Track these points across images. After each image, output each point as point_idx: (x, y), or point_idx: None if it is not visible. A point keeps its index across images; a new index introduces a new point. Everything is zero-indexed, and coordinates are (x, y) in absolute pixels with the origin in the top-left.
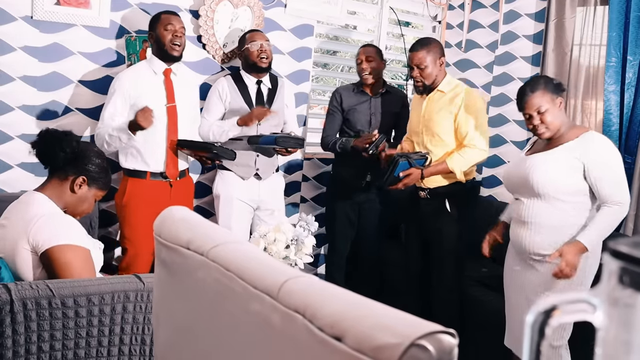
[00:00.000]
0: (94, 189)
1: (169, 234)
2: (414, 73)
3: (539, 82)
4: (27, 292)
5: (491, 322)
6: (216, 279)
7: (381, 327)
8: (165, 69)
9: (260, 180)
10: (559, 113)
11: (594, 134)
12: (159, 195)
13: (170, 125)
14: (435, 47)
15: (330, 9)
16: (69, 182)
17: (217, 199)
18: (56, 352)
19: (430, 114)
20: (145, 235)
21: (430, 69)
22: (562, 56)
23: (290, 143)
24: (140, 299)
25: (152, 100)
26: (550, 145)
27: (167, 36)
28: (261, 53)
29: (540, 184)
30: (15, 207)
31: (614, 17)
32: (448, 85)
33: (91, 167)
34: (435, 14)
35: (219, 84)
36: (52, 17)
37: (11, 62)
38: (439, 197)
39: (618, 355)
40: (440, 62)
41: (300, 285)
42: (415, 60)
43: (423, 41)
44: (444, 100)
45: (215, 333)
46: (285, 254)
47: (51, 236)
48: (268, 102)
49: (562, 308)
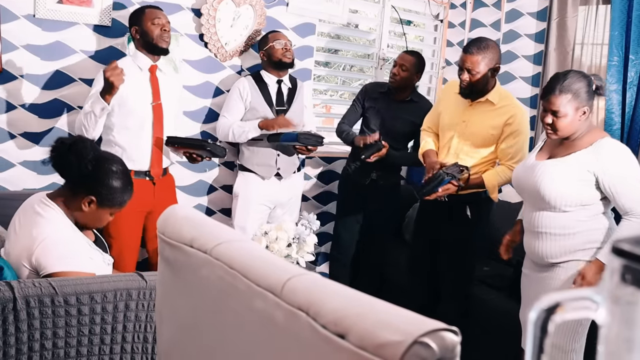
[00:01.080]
0: (106, 209)
1: (172, 232)
2: (462, 76)
3: (573, 86)
4: (30, 290)
5: (493, 321)
6: (220, 277)
7: (384, 325)
8: (151, 65)
9: (281, 180)
10: (577, 122)
11: (607, 141)
12: (142, 193)
13: (155, 124)
14: (492, 53)
15: (332, 8)
16: (79, 199)
17: (236, 199)
18: (59, 349)
19: (474, 123)
20: (130, 232)
21: (481, 76)
22: (564, 55)
23: (311, 140)
24: (142, 297)
25: (137, 98)
26: (562, 151)
27: (155, 30)
28: (286, 51)
29: (548, 194)
30: (28, 213)
31: (616, 16)
32: (498, 95)
33: (104, 188)
34: (437, 13)
35: (239, 83)
36: (55, 16)
37: (14, 61)
38: (458, 202)
39: (620, 352)
40: (495, 68)
41: (304, 283)
42: (467, 63)
43: (480, 44)
44: (492, 114)
45: (219, 331)
46: (287, 253)
47: (54, 261)
48: (288, 102)
49: (565, 305)
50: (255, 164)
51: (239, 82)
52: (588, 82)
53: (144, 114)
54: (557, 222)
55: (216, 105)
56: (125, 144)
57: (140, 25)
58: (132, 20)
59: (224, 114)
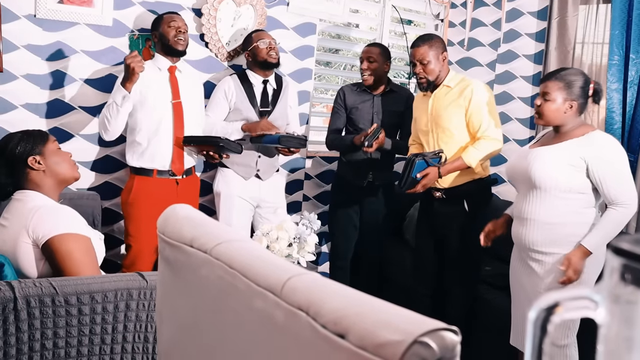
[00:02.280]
0: (47, 147)
1: (172, 232)
2: (416, 69)
3: (568, 77)
4: (31, 289)
5: (495, 321)
6: (220, 277)
7: (384, 325)
8: (170, 66)
9: (261, 180)
10: (562, 113)
11: (599, 133)
12: (165, 193)
13: (176, 122)
14: (437, 42)
15: (332, 7)
16: (29, 173)
17: (218, 197)
18: (59, 349)
19: (439, 110)
20: (150, 233)
21: (433, 65)
22: (564, 54)
23: (293, 143)
24: (143, 297)
25: (157, 96)
26: (555, 140)
27: (171, 32)
28: (270, 50)
29: (539, 177)
30: (11, 205)
31: (617, 15)
32: (453, 79)
33: (19, 149)
34: (437, 12)
35: (224, 82)
36: (56, 16)
37: (15, 61)
38: (454, 197)
39: (620, 351)
40: (443, 57)
41: (304, 283)
42: (417, 55)
43: (424, 37)
44: (452, 95)
45: (219, 330)
46: (287, 252)
47: (51, 227)
48: (272, 103)
49: (564, 305)
50: (235, 163)
51: (224, 81)
52: (585, 80)
53: (164, 112)
54: (545, 209)
55: None
56: (147, 142)
57: (158, 29)
58: (153, 26)
59: (207, 112)
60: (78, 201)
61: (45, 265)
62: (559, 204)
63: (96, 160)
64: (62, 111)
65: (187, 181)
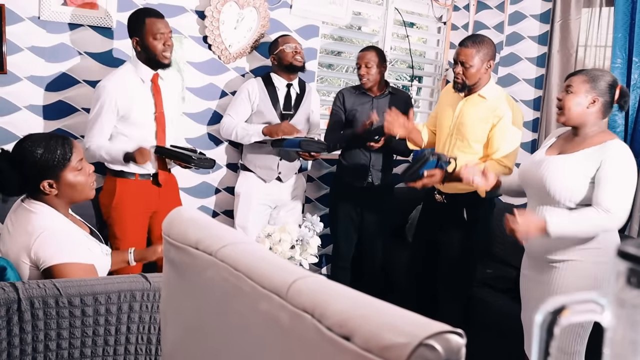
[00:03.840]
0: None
1: (177, 234)
2: (456, 69)
3: (594, 72)
4: (35, 291)
5: (496, 323)
6: (225, 279)
7: (389, 327)
8: (153, 75)
9: (282, 183)
10: (585, 108)
11: (617, 142)
12: (147, 194)
13: (158, 133)
14: (487, 47)
15: (335, 10)
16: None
17: (237, 197)
18: (63, 350)
19: (466, 118)
20: (135, 233)
21: (475, 70)
22: (567, 57)
23: (313, 147)
24: (146, 299)
25: (140, 110)
26: (572, 147)
27: (158, 46)
28: (296, 54)
29: (554, 189)
30: (20, 212)
31: (620, 19)
32: (491, 92)
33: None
34: (440, 15)
35: (249, 84)
36: (59, 18)
37: (18, 62)
38: (455, 204)
39: (626, 355)
40: (489, 65)
41: (309, 285)
42: (461, 56)
43: (475, 39)
44: (483, 108)
45: (224, 332)
46: (290, 255)
47: (53, 254)
48: (295, 107)
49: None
50: (257, 166)
51: (248, 83)
52: (613, 79)
53: (148, 124)
54: None
55: (220, 107)
56: (120, 149)
57: (142, 38)
58: (133, 29)
59: (229, 113)
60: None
61: None
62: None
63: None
64: (66, 113)
65: (166, 182)
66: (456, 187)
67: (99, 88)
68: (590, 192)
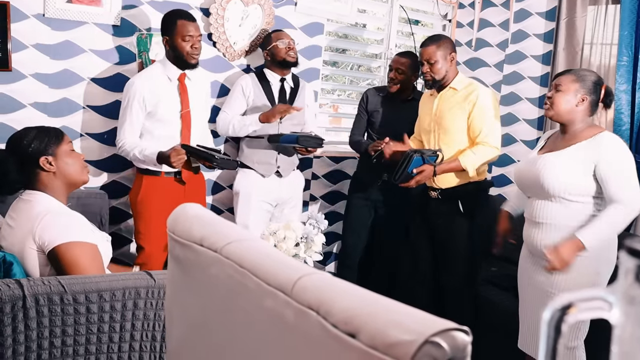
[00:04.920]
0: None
1: (182, 231)
2: (424, 68)
3: (582, 72)
4: (40, 287)
5: (501, 322)
6: (230, 276)
7: (395, 324)
8: (180, 74)
9: (281, 178)
10: (573, 105)
11: (607, 134)
12: (173, 191)
13: (184, 131)
14: (446, 42)
15: (340, 7)
16: (39, 173)
17: (237, 196)
18: (67, 347)
19: (443, 111)
20: (160, 231)
21: (440, 65)
22: (572, 55)
23: (310, 142)
24: (151, 296)
25: (167, 107)
26: (563, 144)
27: (186, 47)
28: (289, 50)
29: (550, 185)
30: (19, 206)
31: (626, 16)
32: (461, 82)
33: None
34: (445, 13)
35: (243, 80)
36: (64, 15)
37: (23, 60)
38: (450, 198)
39: (634, 352)
40: (451, 57)
41: (314, 282)
42: (425, 55)
43: (433, 37)
44: (457, 98)
45: (229, 329)
46: (294, 252)
47: (57, 234)
48: (290, 101)
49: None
50: (255, 161)
51: (242, 79)
52: (598, 78)
53: (173, 122)
54: (557, 212)
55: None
56: (154, 150)
57: (172, 38)
58: (164, 28)
59: (225, 110)
60: (86, 200)
61: (50, 271)
62: (573, 207)
63: (104, 159)
64: (70, 110)
65: (194, 180)
66: (448, 181)
67: (127, 85)
68: (585, 184)
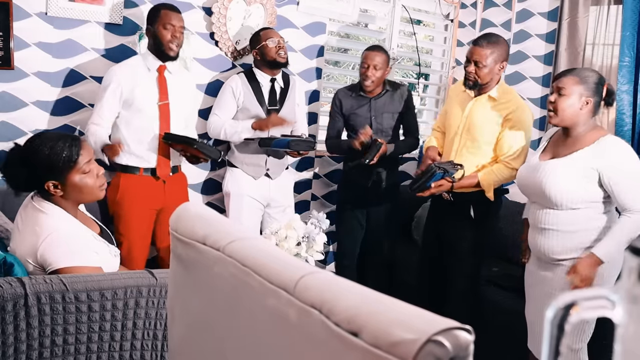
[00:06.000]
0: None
1: (185, 230)
2: (469, 68)
3: (583, 73)
4: (41, 286)
5: (503, 321)
6: (232, 274)
7: (398, 323)
8: (160, 66)
9: (271, 180)
10: (577, 109)
11: (610, 138)
12: (152, 190)
13: (162, 124)
14: (502, 49)
15: (342, 7)
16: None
17: (227, 197)
18: (69, 346)
19: (475, 119)
20: (140, 230)
21: (488, 70)
22: (574, 55)
23: (302, 146)
24: (152, 294)
25: (144, 97)
26: (565, 150)
27: (166, 36)
28: (279, 49)
29: (553, 193)
30: (29, 211)
31: (628, 17)
32: (501, 92)
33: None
34: (447, 13)
35: (232, 81)
36: (66, 14)
37: (26, 58)
38: (463, 202)
39: (637, 351)
40: (501, 66)
41: (317, 281)
42: (475, 54)
43: (490, 38)
44: (492, 108)
45: (231, 328)
46: (296, 251)
47: (60, 256)
48: (280, 101)
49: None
50: (244, 163)
51: (231, 80)
52: (600, 78)
53: (151, 113)
54: (562, 219)
55: None
56: (131, 141)
57: (153, 27)
58: (148, 18)
59: (215, 112)
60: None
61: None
62: (576, 213)
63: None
64: (73, 109)
65: (174, 179)
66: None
67: (107, 72)
68: (588, 191)
